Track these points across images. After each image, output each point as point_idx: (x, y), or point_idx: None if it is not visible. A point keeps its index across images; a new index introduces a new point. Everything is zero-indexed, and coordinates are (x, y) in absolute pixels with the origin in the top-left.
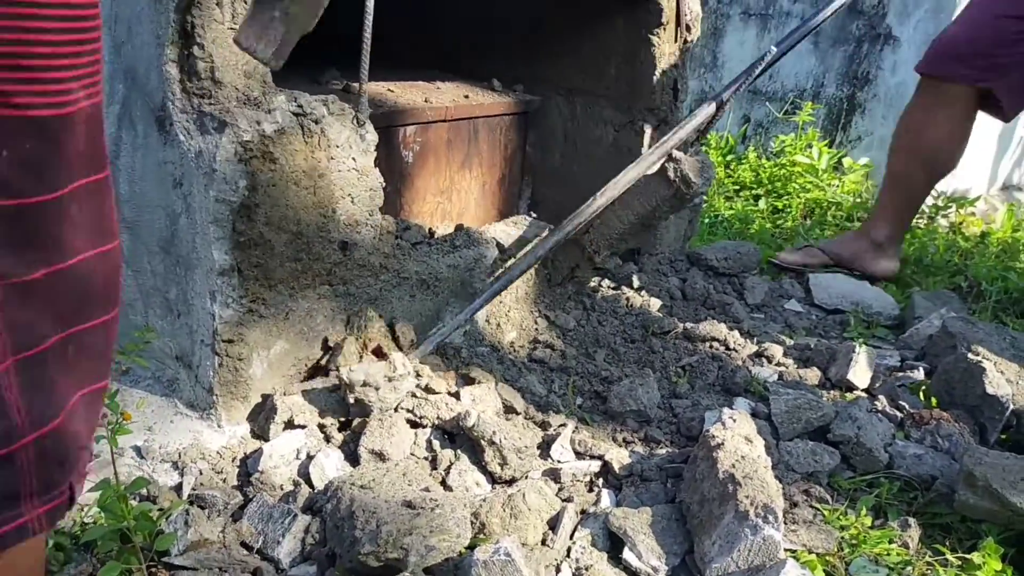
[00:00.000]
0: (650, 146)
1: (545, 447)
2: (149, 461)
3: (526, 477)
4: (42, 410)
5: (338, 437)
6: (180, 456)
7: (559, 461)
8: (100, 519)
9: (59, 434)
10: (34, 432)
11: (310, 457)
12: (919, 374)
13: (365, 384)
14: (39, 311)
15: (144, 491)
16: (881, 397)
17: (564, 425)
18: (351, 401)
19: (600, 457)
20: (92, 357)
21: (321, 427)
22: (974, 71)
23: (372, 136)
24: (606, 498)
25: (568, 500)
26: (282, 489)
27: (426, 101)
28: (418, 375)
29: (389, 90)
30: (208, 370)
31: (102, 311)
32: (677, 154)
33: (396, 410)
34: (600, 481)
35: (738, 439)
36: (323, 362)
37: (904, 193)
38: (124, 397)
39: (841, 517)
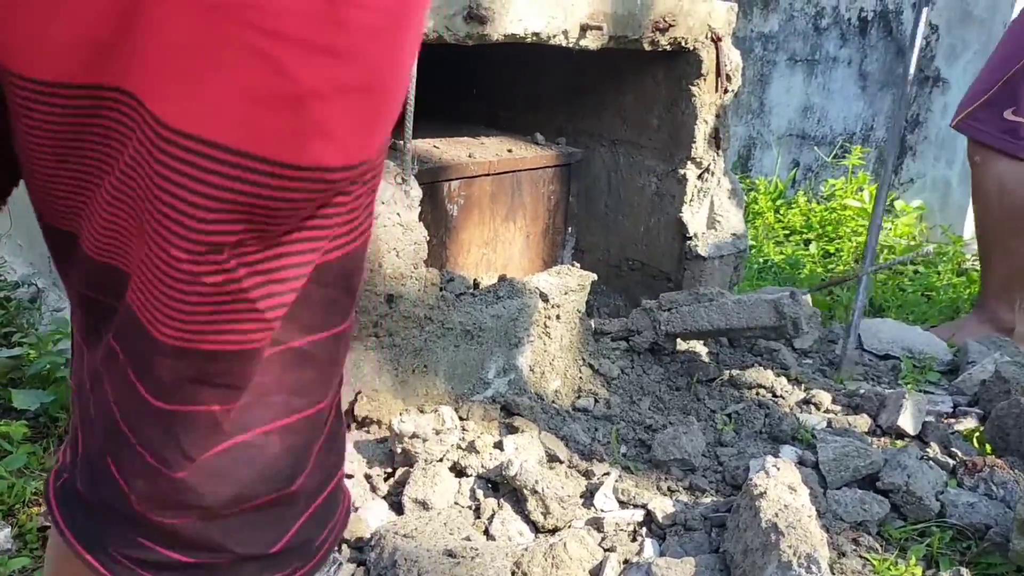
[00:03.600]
0: (692, 193)
1: (588, 496)
2: None
3: (569, 526)
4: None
5: (384, 487)
6: None
7: (602, 510)
8: None
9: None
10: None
11: (356, 508)
12: (972, 420)
13: (414, 436)
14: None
15: None
16: (933, 444)
17: (608, 474)
18: (398, 451)
19: (643, 506)
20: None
21: (368, 477)
22: None
23: (416, 192)
24: (649, 548)
25: (611, 550)
26: None
27: (470, 156)
28: (463, 428)
29: (434, 146)
30: None
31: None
32: (800, 296)
33: (441, 460)
34: (643, 530)
35: (781, 488)
36: (370, 414)
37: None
38: None
39: (891, 567)
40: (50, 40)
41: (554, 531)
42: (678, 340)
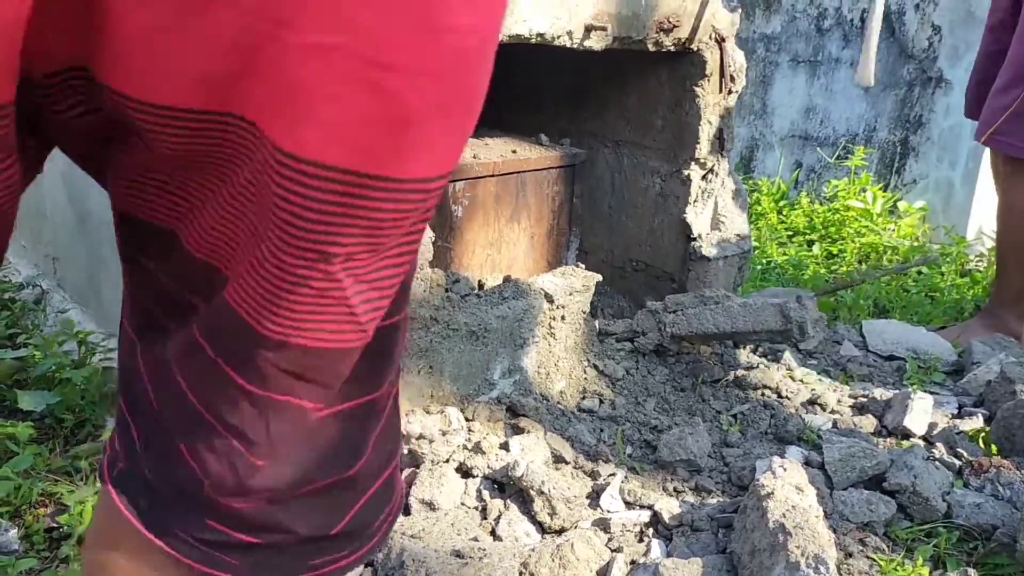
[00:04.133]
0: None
1: (595, 497)
2: None
3: (575, 527)
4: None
5: None
6: None
7: (609, 511)
8: None
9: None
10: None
11: None
12: (978, 421)
13: (420, 436)
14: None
15: None
16: (939, 444)
17: (614, 475)
18: (404, 452)
19: (650, 507)
20: None
21: None
22: None
23: None
24: (656, 548)
25: (618, 550)
26: None
27: (474, 157)
28: (469, 429)
29: None
30: None
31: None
32: (806, 300)
33: (447, 461)
34: (650, 531)
35: (788, 488)
36: None
37: None
38: None
39: (898, 568)
40: (178, 72)
41: (560, 532)
42: (683, 342)
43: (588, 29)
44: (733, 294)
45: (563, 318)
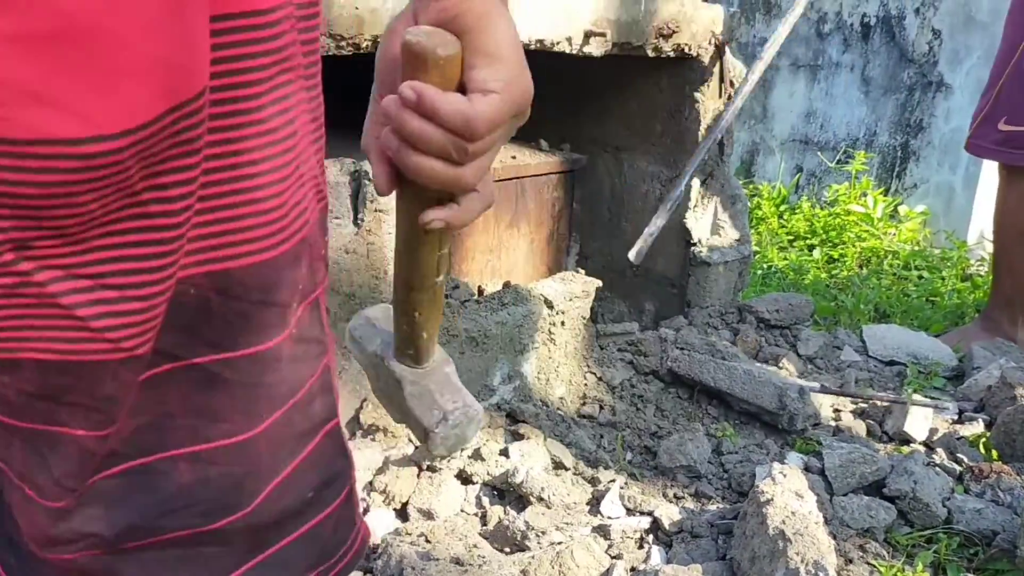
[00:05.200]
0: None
1: (595, 503)
2: None
3: (572, 536)
4: None
5: (389, 495)
6: None
7: (609, 517)
8: None
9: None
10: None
11: (366, 511)
12: (978, 426)
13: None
14: None
15: None
16: (939, 450)
17: (613, 481)
18: (403, 457)
19: (650, 513)
20: None
21: (373, 484)
22: None
23: None
24: (656, 555)
25: (618, 557)
26: None
27: None
28: None
29: None
30: None
31: None
32: (808, 394)
33: (447, 467)
34: (650, 537)
35: (788, 495)
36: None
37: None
38: None
39: (899, 574)
40: None
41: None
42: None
43: (588, 35)
44: (744, 357)
45: (563, 324)
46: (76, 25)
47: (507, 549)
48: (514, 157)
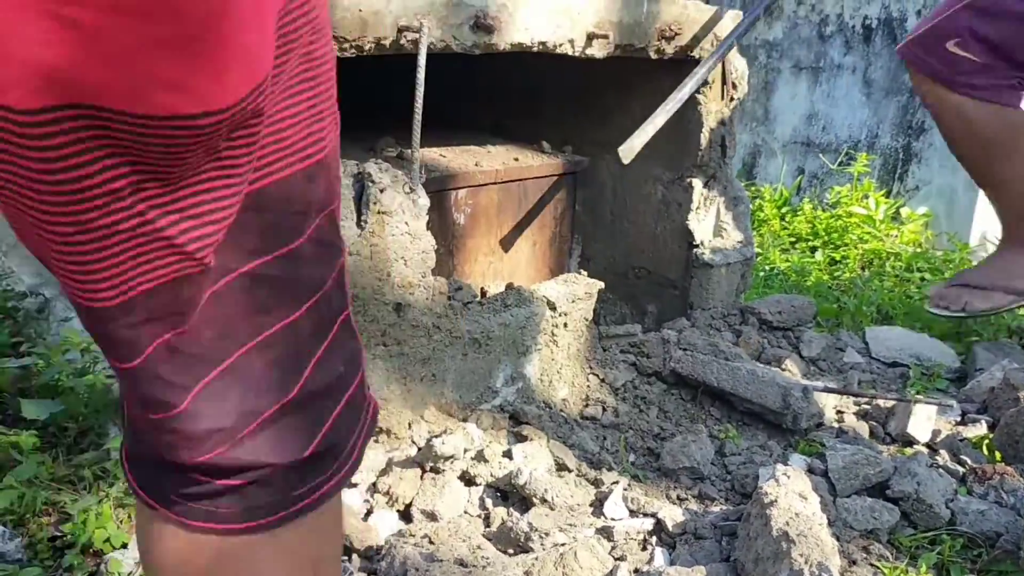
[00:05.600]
0: (699, 201)
1: (598, 504)
2: None
3: (576, 537)
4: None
5: (393, 496)
6: None
7: (612, 518)
8: None
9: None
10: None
11: (369, 513)
12: (981, 427)
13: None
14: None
15: None
16: (942, 452)
17: (616, 482)
18: (408, 459)
19: (653, 515)
20: None
21: (375, 485)
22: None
23: (424, 201)
24: (659, 557)
25: (621, 559)
26: None
27: (477, 165)
28: (472, 437)
29: (441, 155)
30: None
31: None
32: (812, 394)
33: (450, 468)
34: (653, 539)
35: (792, 496)
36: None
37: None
38: None
39: (902, 575)
40: None
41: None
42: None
43: (590, 37)
44: (746, 357)
45: (566, 326)
46: (203, 29)
47: (511, 550)
48: (517, 159)
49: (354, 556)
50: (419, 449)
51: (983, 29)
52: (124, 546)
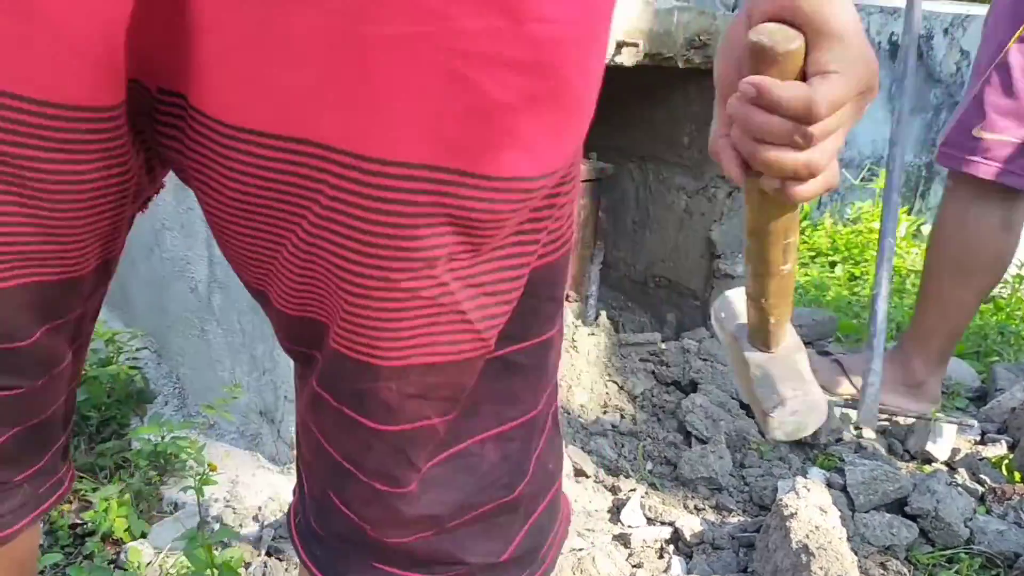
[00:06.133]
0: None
1: (615, 511)
2: (231, 513)
3: (594, 543)
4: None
5: None
6: (261, 509)
7: (629, 526)
8: (185, 567)
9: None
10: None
11: None
12: (1001, 447)
13: None
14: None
15: (227, 540)
16: (961, 470)
17: (634, 490)
18: None
19: (671, 524)
20: None
21: None
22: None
23: None
24: (677, 566)
25: (638, 566)
26: None
27: None
28: None
29: None
30: (290, 425)
31: None
32: (834, 407)
33: None
34: (671, 548)
35: (812, 509)
36: None
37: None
38: (210, 450)
39: None
40: (257, 88)
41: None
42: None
43: (620, 45)
44: None
45: (591, 333)
46: (562, 86)
47: None
48: None
49: None
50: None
51: (1002, 103)
52: (144, 535)
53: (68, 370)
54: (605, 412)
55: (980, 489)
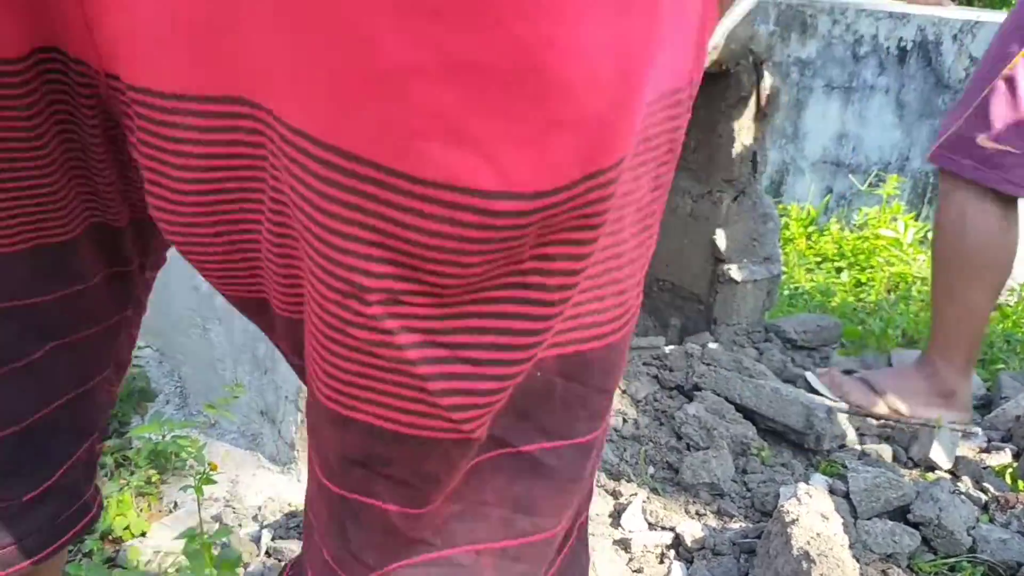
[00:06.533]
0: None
1: (616, 516)
2: (231, 512)
3: (595, 547)
4: None
5: None
6: (260, 509)
7: (630, 531)
8: (184, 567)
9: None
10: None
11: None
12: (1005, 456)
13: None
14: None
15: (226, 540)
16: (964, 478)
17: (635, 495)
18: None
19: (672, 529)
20: None
21: None
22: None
23: None
24: (677, 571)
25: (639, 571)
26: None
27: None
28: None
29: None
30: (291, 425)
31: None
32: (836, 414)
33: None
34: (672, 553)
35: (814, 515)
36: None
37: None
38: (211, 449)
39: None
40: (164, 38)
41: None
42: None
43: None
44: (771, 375)
45: None
46: (526, 60)
47: None
48: None
49: None
50: None
51: (1009, 114)
52: (143, 534)
53: (45, 367)
54: None
55: (984, 497)
